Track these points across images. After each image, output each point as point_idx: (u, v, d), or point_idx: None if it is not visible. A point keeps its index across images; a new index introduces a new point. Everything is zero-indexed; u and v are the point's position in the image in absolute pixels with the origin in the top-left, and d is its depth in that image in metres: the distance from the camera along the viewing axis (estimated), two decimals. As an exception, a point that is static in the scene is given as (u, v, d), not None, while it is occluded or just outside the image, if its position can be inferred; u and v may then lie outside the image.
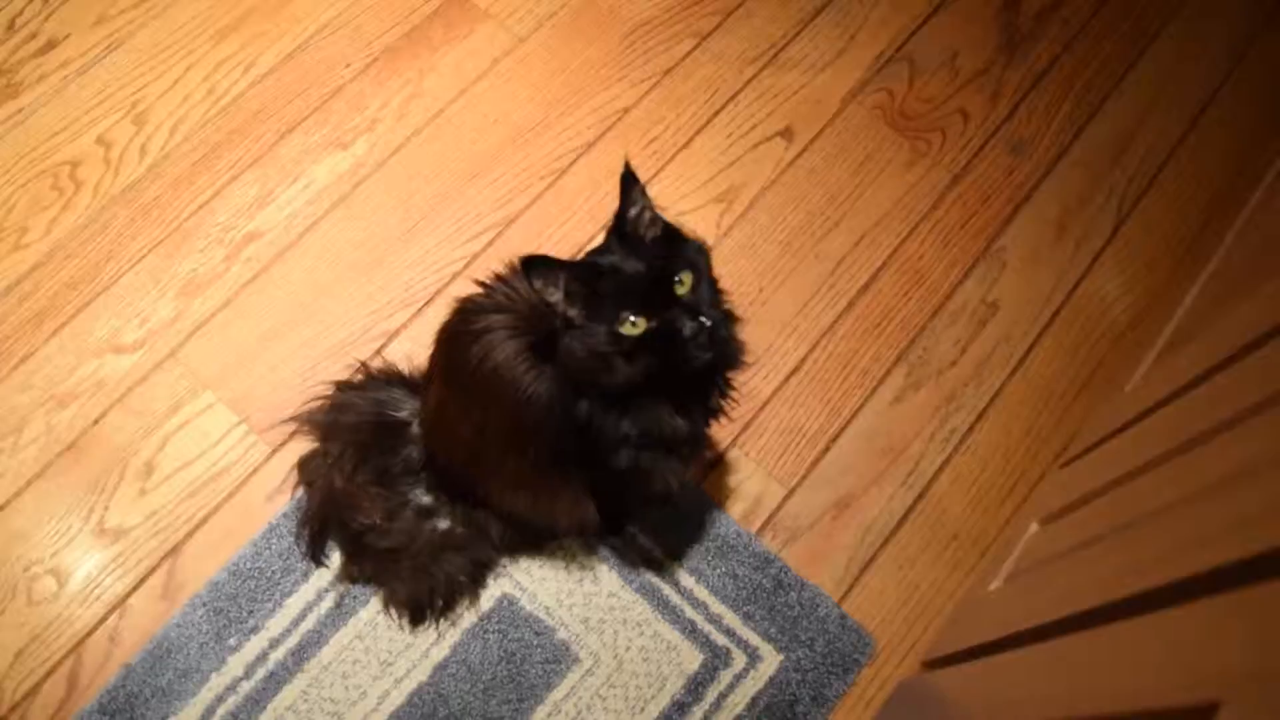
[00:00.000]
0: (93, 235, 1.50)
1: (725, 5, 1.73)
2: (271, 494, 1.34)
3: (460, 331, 1.06)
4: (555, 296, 0.94)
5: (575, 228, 1.54)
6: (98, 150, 1.56)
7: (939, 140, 1.64)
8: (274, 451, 1.37)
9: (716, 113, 1.64)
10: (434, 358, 1.16)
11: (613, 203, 1.55)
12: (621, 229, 0.98)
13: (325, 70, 1.64)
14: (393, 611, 1.27)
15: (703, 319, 0.94)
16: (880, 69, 1.70)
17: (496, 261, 1.50)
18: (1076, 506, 1.18)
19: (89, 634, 1.27)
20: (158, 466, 1.36)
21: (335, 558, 1.28)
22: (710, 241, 1.45)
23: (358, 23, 1.68)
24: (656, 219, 0.99)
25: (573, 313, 0.95)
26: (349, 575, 1.29)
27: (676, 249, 0.98)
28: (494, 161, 1.58)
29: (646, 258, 0.95)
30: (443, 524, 1.25)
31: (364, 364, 1.33)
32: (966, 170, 1.63)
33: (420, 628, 1.27)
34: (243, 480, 1.35)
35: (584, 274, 0.94)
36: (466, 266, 1.50)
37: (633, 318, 0.93)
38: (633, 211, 0.97)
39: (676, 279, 0.95)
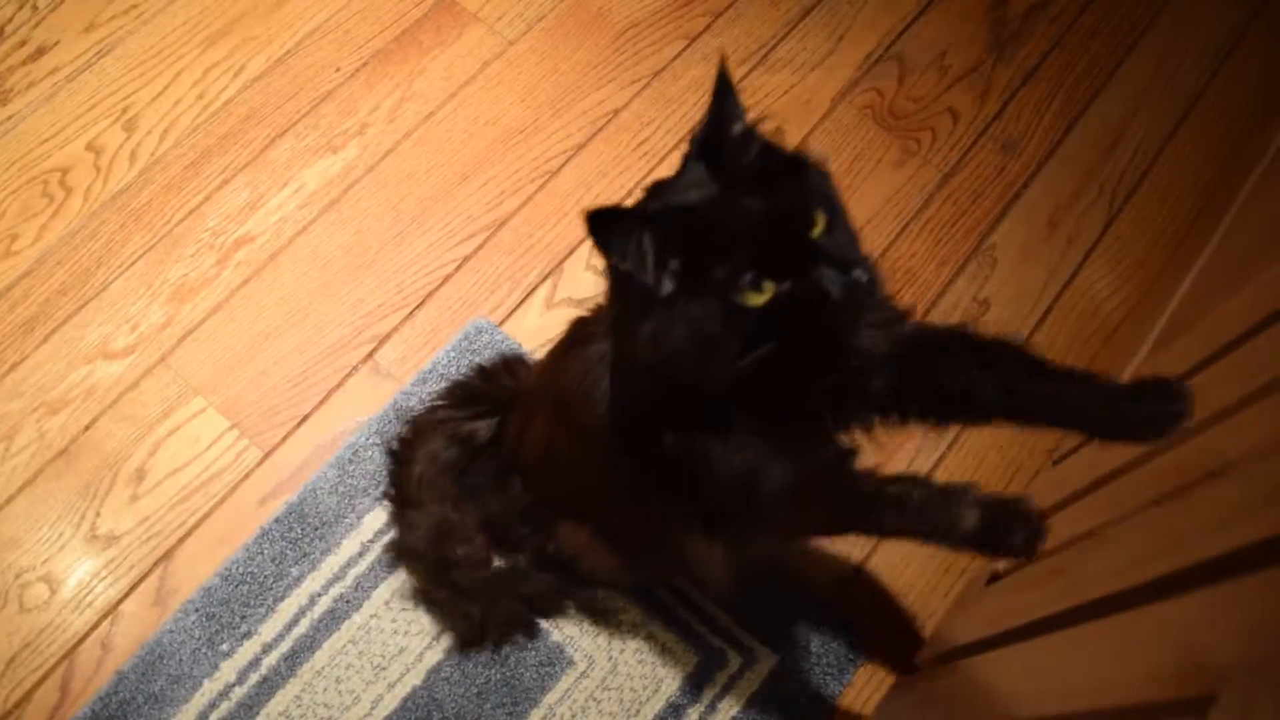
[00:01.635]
0: (83, 241, 1.50)
1: (714, 7, 1.73)
2: (264, 498, 1.34)
3: (565, 351, 0.92)
4: (637, 266, 0.66)
5: (567, 228, 1.53)
6: (88, 156, 1.56)
7: (929, 139, 1.65)
8: (266, 456, 1.36)
9: (707, 114, 1.64)
10: (541, 382, 1.05)
11: (605, 202, 1.57)
12: (713, 152, 0.70)
13: (315, 74, 1.63)
14: (448, 638, 1.26)
15: (857, 273, 0.67)
16: (869, 69, 1.70)
17: (487, 263, 1.51)
18: (1070, 502, 1.18)
19: (81, 641, 1.27)
20: (149, 472, 1.35)
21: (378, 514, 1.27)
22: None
23: (347, 27, 1.67)
24: (754, 136, 0.71)
25: (665, 285, 0.66)
26: (424, 597, 1.26)
27: (795, 177, 0.70)
28: (484, 164, 1.58)
29: (762, 192, 0.67)
30: (521, 561, 1.22)
31: (455, 384, 1.26)
32: (956, 169, 1.63)
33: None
34: (234, 485, 1.35)
35: (679, 227, 0.66)
36: (458, 269, 1.50)
37: (757, 281, 0.66)
38: (736, 128, 0.71)
39: (810, 219, 0.67)
